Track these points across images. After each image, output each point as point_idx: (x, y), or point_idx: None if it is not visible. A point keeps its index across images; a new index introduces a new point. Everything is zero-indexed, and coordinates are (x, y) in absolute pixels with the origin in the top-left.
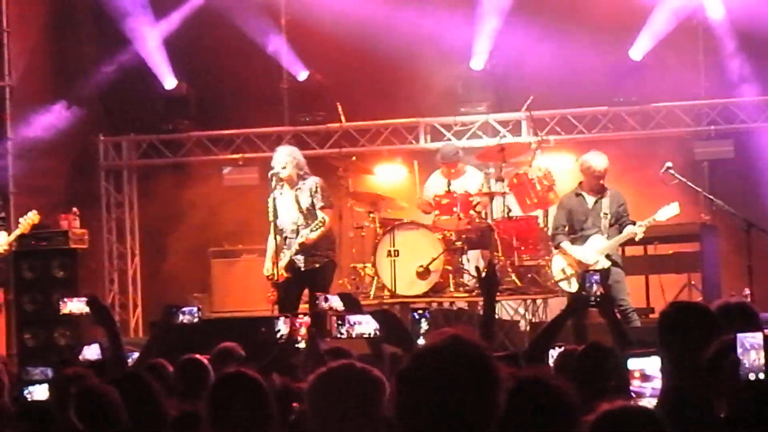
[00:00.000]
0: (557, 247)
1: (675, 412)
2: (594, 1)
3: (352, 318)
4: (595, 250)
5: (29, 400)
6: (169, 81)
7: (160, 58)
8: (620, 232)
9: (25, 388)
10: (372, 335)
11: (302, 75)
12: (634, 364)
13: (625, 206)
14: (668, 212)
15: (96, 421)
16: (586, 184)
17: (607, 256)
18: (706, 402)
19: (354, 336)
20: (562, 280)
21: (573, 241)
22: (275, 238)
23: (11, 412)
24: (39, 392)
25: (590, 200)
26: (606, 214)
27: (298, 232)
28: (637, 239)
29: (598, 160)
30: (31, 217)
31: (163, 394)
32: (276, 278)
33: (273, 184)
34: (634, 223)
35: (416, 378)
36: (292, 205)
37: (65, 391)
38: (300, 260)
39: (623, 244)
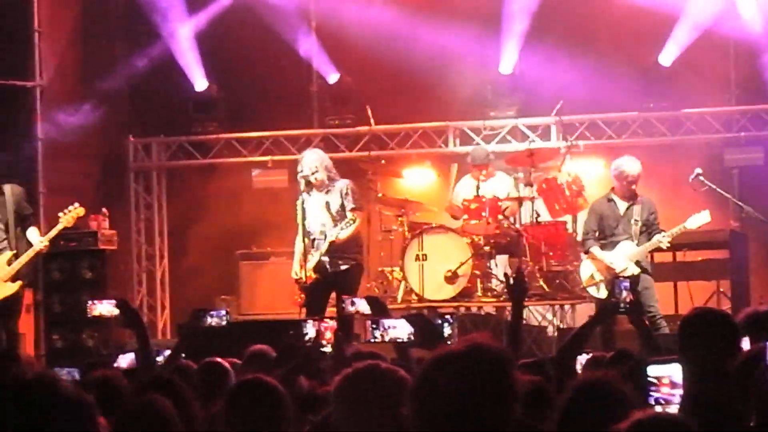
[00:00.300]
0: (587, 252)
1: (698, 420)
2: (624, 6)
3: (387, 322)
4: (625, 257)
5: None
6: (199, 82)
7: (190, 60)
8: (650, 239)
9: None
10: (406, 340)
11: (332, 77)
12: (657, 371)
13: (656, 214)
14: (699, 220)
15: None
16: (618, 190)
17: (637, 263)
18: (733, 409)
19: (388, 340)
20: (590, 285)
21: (603, 247)
22: (303, 241)
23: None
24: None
25: (622, 206)
26: (637, 220)
27: (325, 235)
28: (664, 247)
29: (631, 166)
30: (76, 210)
31: (193, 398)
32: (304, 281)
33: (302, 187)
34: (661, 232)
35: (432, 382)
36: (321, 208)
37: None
38: (328, 263)
39: (652, 251)
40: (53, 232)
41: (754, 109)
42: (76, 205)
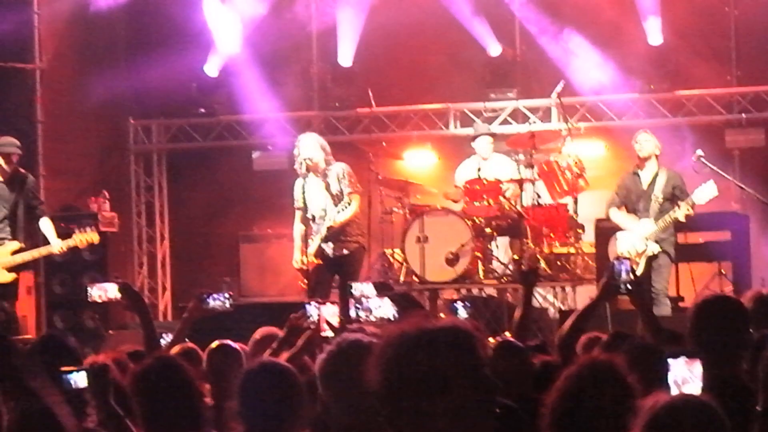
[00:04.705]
0: (608, 218)
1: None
2: None
3: (372, 302)
4: (642, 236)
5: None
6: (210, 67)
7: (196, 43)
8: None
9: (65, 376)
10: (391, 318)
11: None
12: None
13: (680, 187)
14: (706, 193)
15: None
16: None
17: (658, 240)
18: (747, 394)
19: (373, 319)
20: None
21: None
22: (304, 225)
23: None
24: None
25: (645, 180)
26: (658, 196)
27: (325, 219)
28: (682, 219)
29: (640, 138)
30: (92, 237)
31: (195, 378)
32: (307, 267)
33: (302, 170)
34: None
35: (404, 355)
36: (321, 192)
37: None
38: (329, 248)
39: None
40: (66, 244)
41: (756, 91)
42: (95, 232)
